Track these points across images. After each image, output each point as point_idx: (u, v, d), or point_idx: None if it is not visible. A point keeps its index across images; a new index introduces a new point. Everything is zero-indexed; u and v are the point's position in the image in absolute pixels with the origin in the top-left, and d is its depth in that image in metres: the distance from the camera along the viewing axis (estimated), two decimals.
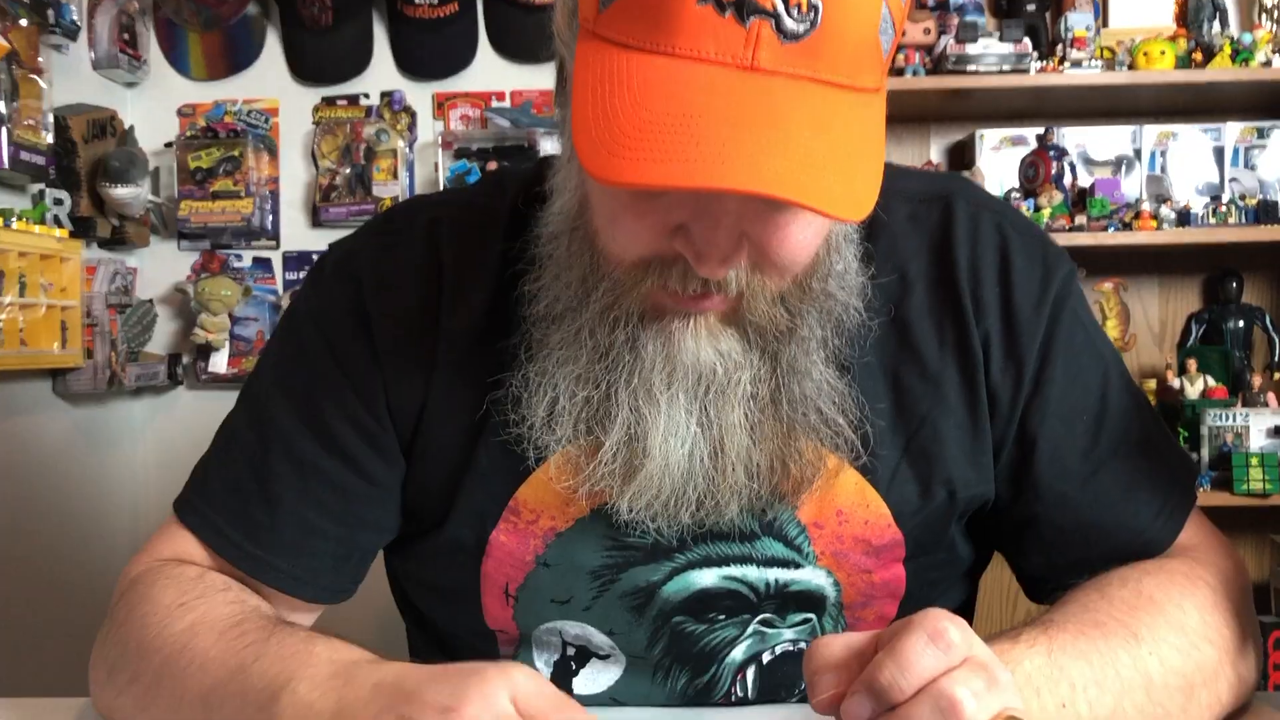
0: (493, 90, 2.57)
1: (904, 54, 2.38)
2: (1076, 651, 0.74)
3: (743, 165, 0.64)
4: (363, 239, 0.95)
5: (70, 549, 2.27)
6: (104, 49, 2.39)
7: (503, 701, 0.61)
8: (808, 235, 0.76)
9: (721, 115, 0.65)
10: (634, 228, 0.75)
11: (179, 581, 0.84)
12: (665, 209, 0.73)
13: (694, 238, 0.72)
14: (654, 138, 0.65)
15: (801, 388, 0.82)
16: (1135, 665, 0.75)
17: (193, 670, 0.76)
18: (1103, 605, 0.79)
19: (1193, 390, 2.40)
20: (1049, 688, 0.71)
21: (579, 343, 0.81)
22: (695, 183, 0.64)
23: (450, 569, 0.91)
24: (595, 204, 0.78)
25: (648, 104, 0.66)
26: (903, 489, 0.87)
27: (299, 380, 0.90)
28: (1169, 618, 0.79)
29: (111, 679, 0.83)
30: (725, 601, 0.89)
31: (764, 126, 0.65)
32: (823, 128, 0.66)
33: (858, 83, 0.69)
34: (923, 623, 0.62)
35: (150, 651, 0.79)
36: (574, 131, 0.68)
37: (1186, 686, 0.77)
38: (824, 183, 0.65)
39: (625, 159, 0.65)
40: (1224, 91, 2.40)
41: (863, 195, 0.67)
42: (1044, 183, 2.39)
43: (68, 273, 2.11)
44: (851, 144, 0.68)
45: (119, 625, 0.85)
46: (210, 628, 0.78)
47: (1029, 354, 0.88)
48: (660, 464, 0.81)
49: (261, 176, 2.56)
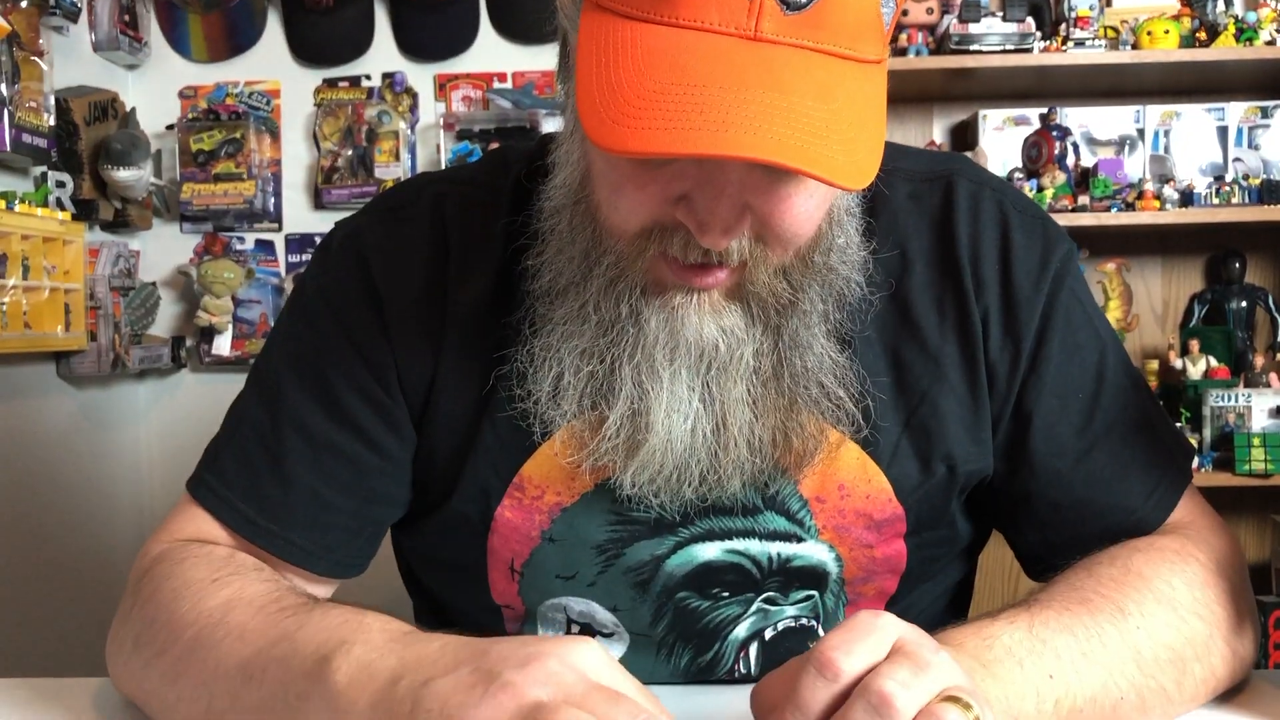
0: (494, 71, 2.57)
1: (907, 34, 2.37)
2: (1060, 625, 0.74)
3: (746, 132, 0.64)
4: (369, 216, 0.95)
5: (73, 531, 2.28)
6: (104, 30, 2.39)
7: (585, 657, 0.59)
8: (810, 207, 0.76)
9: (725, 83, 0.66)
10: (637, 198, 0.75)
11: (209, 559, 0.83)
12: (668, 179, 0.74)
13: (696, 207, 0.73)
14: (658, 106, 0.65)
15: (803, 361, 0.82)
16: (1123, 639, 0.75)
17: (229, 641, 0.74)
18: (1089, 583, 0.79)
19: (1195, 371, 2.40)
20: (1032, 659, 0.71)
21: (583, 317, 0.81)
22: (699, 149, 0.65)
23: (457, 545, 0.91)
24: (597, 176, 0.78)
25: (652, 73, 0.67)
26: (904, 464, 0.88)
27: (309, 356, 0.90)
28: (1157, 593, 0.79)
29: (137, 652, 0.81)
30: (728, 576, 0.89)
31: (768, 94, 0.66)
32: (826, 97, 0.67)
33: (860, 54, 0.70)
34: (812, 657, 0.60)
35: (182, 625, 0.78)
36: (578, 101, 0.68)
37: (1177, 660, 0.77)
38: (827, 151, 0.65)
39: (629, 127, 0.66)
40: (1228, 71, 2.39)
41: (865, 164, 0.68)
42: (1047, 163, 2.39)
43: (70, 255, 2.11)
44: (854, 113, 0.68)
45: (144, 601, 0.83)
46: (248, 602, 0.76)
47: (1027, 331, 0.88)
48: (663, 439, 0.81)
49: (263, 159, 2.56)
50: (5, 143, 1.92)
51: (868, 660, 0.59)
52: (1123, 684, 0.74)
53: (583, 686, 0.57)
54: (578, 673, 0.57)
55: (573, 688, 0.57)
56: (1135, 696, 0.75)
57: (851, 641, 0.60)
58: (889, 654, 0.60)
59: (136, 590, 0.86)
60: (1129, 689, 0.75)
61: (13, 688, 0.88)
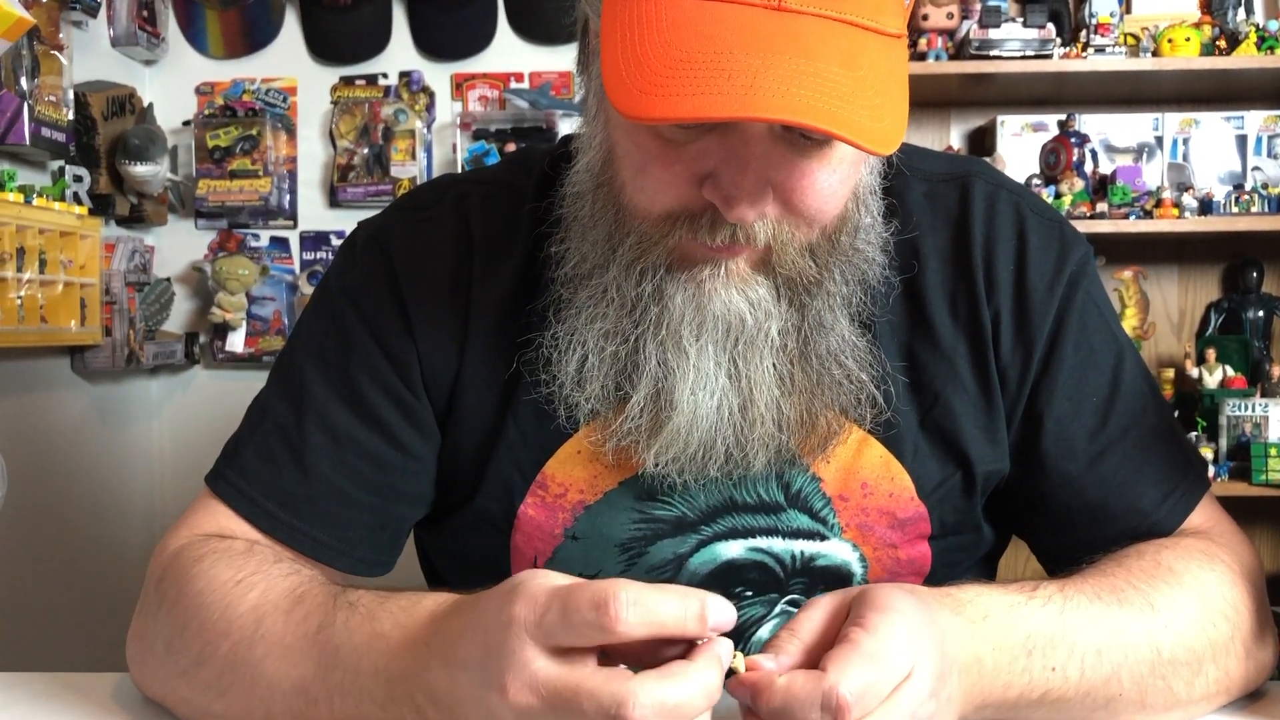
0: (511, 71, 2.56)
1: (926, 38, 2.37)
2: (1090, 615, 0.74)
3: (774, 95, 0.65)
4: (393, 215, 0.96)
5: (86, 525, 2.28)
6: (123, 26, 2.39)
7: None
8: (834, 182, 0.76)
9: (751, 49, 0.66)
10: (662, 177, 0.75)
11: (229, 556, 0.82)
12: (693, 157, 0.74)
13: (722, 183, 0.73)
14: (685, 74, 0.66)
15: (827, 342, 0.82)
16: (1147, 637, 0.75)
17: (272, 660, 0.73)
18: (1121, 573, 0.79)
19: (1211, 380, 2.39)
20: (1042, 650, 0.72)
21: (606, 299, 0.82)
22: (727, 112, 0.65)
23: (480, 542, 0.91)
24: (621, 156, 0.78)
25: (678, 43, 0.67)
26: (925, 462, 0.88)
27: (333, 352, 0.90)
28: (1188, 589, 0.79)
29: (171, 658, 0.80)
30: (751, 575, 0.89)
31: (794, 59, 0.66)
32: (851, 64, 0.67)
33: (882, 26, 0.70)
34: (828, 694, 0.60)
35: (215, 635, 0.77)
36: (604, 76, 0.69)
37: (1195, 661, 0.77)
38: (854, 115, 0.66)
39: (657, 96, 0.66)
40: (1247, 79, 2.38)
41: (891, 131, 0.68)
42: (1065, 169, 2.38)
43: (86, 250, 2.11)
44: (879, 82, 0.69)
45: (170, 604, 0.82)
46: (274, 606, 0.76)
47: (1040, 334, 0.88)
48: (688, 417, 0.81)
49: (279, 156, 2.56)
50: (25, 136, 1.93)
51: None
52: (1126, 681, 0.74)
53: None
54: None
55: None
56: (1136, 694, 0.75)
57: (869, 691, 0.60)
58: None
59: (159, 589, 0.85)
60: (1131, 687, 0.75)
61: (30, 681, 0.87)
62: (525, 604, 0.59)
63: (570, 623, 0.58)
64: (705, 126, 0.73)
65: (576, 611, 0.58)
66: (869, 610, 0.64)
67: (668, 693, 0.57)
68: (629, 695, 0.56)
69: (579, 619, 0.57)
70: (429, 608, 0.69)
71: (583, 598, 0.58)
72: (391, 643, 0.68)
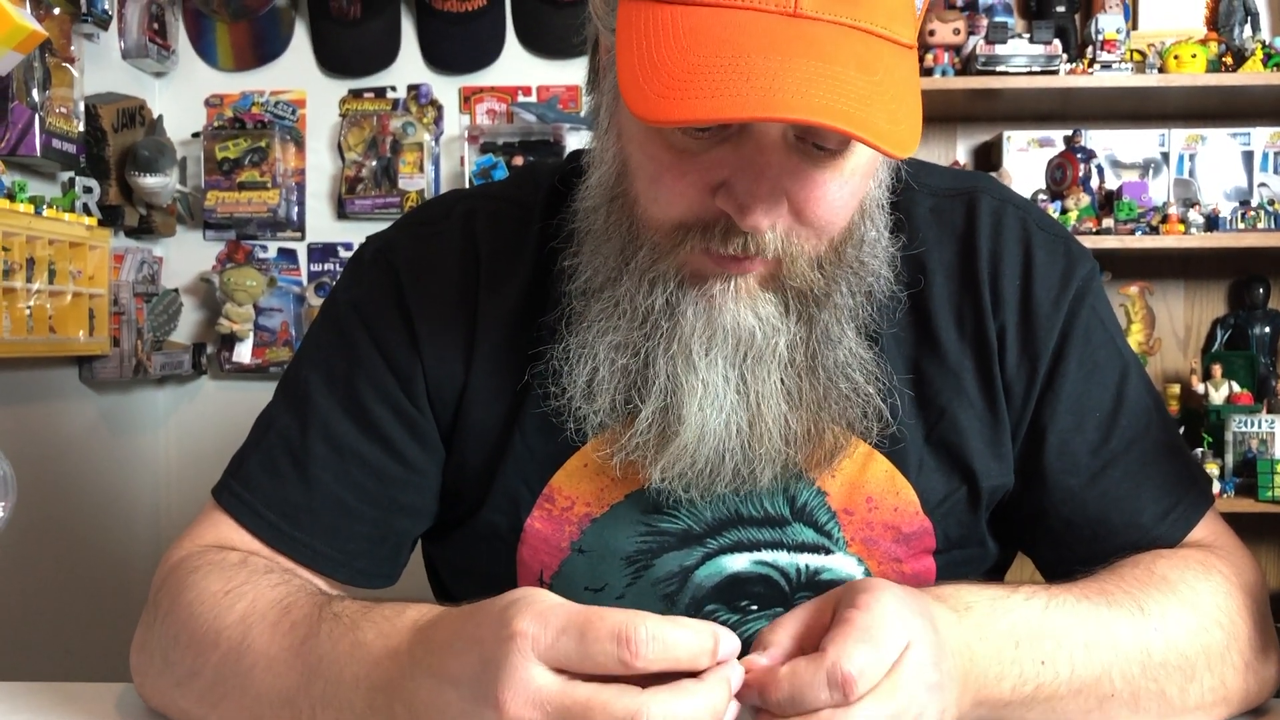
0: (519, 85, 2.58)
1: (933, 54, 2.37)
2: (1075, 612, 0.75)
3: (794, 96, 0.65)
4: (400, 230, 0.96)
5: (92, 534, 2.29)
6: (133, 38, 2.41)
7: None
8: (845, 194, 0.77)
9: (769, 53, 0.67)
10: (676, 186, 0.75)
11: (222, 568, 0.83)
12: (706, 166, 0.74)
13: (737, 191, 0.73)
14: (703, 77, 0.66)
15: (834, 355, 0.83)
16: (1136, 638, 0.75)
17: (258, 672, 0.74)
18: (1112, 579, 0.80)
19: (1217, 396, 2.39)
20: (1030, 642, 0.72)
21: (618, 311, 0.82)
22: (748, 113, 0.65)
23: (487, 555, 0.91)
24: (635, 169, 0.79)
25: (695, 49, 0.68)
26: (930, 476, 0.88)
27: (339, 366, 0.91)
28: (1180, 595, 0.79)
29: (168, 670, 0.81)
30: (757, 588, 0.89)
31: (812, 62, 0.67)
32: (868, 69, 0.68)
33: (895, 35, 0.71)
34: (830, 670, 0.61)
35: (205, 646, 0.78)
36: (620, 83, 0.69)
37: (1187, 667, 0.77)
38: (872, 117, 0.66)
39: (674, 99, 0.66)
40: (1254, 96, 2.39)
41: (907, 135, 0.69)
42: (1071, 185, 2.38)
43: (95, 261, 2.12)
44: (895, 87, 0.69)
45: (164, 614, 0.83)
46: (261, 617, 0.77)
47: (1045, 348, 0.88)
48: (695, 433, 0.81)
49: (288, 168, 2.57)
50: (36, 148, 1.94)
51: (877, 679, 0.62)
52: (1118, 681, 0.74)
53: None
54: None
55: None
56: (1129, 695, 0.75)
57: (872, 665, 0.61)
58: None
59: (156, 600, 0.86)
60: (1124, 687, 0.75)
61: (35, 691, 0.88)
62: (533, 621, 0.59)
63: (588, 651, 0.58)
64: (719, 135, 0.73)
65: (596, 641, 0.58)
66: (859, 593, 0.65)
67: (679, 709, 0.57)
68: (641, 710, 0.56)
69: (598, 649, 0.58)
70: (412, 618, 0.69)
71: (602, 628, 0.58)
72: (373, 652, 0.69)
